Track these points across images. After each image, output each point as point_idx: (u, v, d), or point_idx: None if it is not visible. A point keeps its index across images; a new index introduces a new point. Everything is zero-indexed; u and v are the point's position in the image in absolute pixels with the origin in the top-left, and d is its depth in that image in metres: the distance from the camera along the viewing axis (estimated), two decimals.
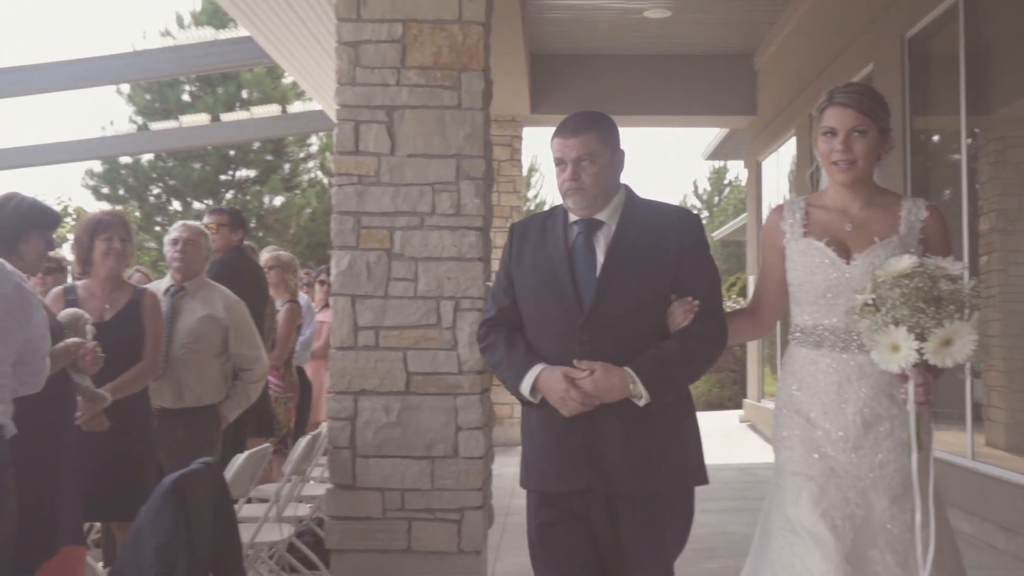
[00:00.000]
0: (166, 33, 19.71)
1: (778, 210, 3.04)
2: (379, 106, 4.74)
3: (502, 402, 11.42)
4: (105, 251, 4.32)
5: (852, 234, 2.89)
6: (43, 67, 9.55)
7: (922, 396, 2.68)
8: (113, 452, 4.07)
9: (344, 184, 4.71)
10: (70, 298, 4.27)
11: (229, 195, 20.61)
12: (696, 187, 37.74)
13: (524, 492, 3.04)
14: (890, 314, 2.61)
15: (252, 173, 20.73)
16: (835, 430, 2.85)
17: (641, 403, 2.81)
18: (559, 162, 2.94)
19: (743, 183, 26.67)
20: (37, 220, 3.69)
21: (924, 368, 2.66)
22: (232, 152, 19.91)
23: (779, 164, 12.18)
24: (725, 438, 11.92)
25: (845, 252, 2.87)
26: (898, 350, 2.60)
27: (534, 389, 2.87)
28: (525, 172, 23.59)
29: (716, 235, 24.53)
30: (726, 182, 35.81)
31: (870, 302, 2.68)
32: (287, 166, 20.79)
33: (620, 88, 12.18)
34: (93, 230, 4.36)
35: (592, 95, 11.89)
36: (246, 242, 6.38)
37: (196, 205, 20.49)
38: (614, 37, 11.54)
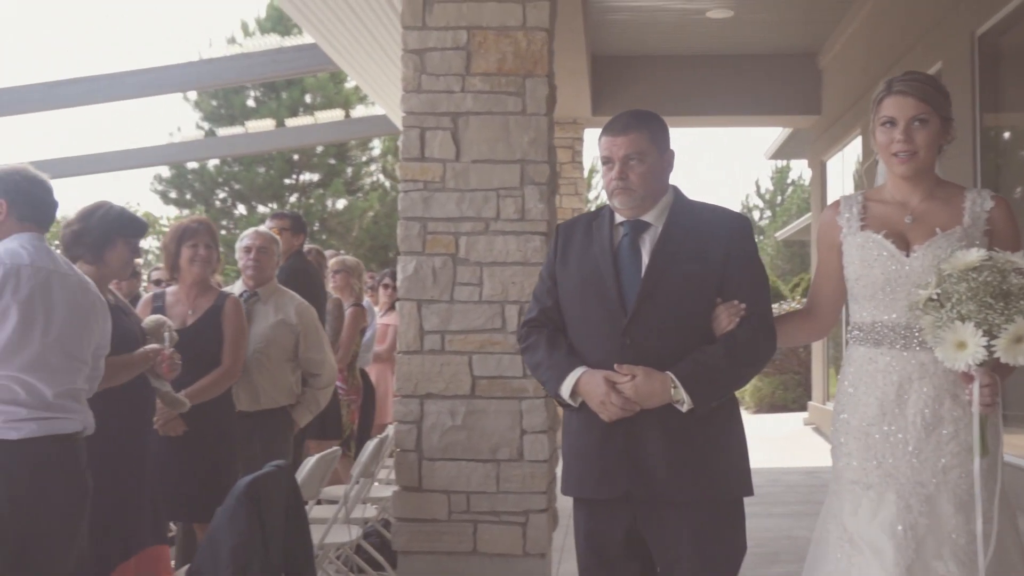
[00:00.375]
0: (232, 40, 20.07)
1: (834, 206, 2.92)
2: (444, 113, 4.79)
3: None
4: (191, 257, 4.43)
5: (912, 227, 2.76)
6: (114, 76, 9.80)
7: (988, 397, 2.55)
8: (196, 454, 4.18)
9: (410, 190, 4.77)
10: (157, 304, 4.38)
11: (293, 199, 20.93)
12: (758, 187, 37.43)
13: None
14: (956, 309, 2.49)
15: (315, 177, 21.01)
16: (895, 433, 2.72)
17: (684, 409, 2.73)
18: (606, 160, 2.87)
19: (806, 182, 26.34)
20: (123, 229, 3.81)
21: (991, 368, 2.54)
22: (296, 156, 20.20)
23: (844, 164, 12.02)
24: (789, 440, 11.79)
25: (905, 245, 2.74)
26: (965, 347, 2.47)
27: (574, 392, 2.80)
28: (586, 174, 23.63)
29: (779, 235, 24.28)
30: (789, 181, 35.42)
31: (934, 297, 2.55)
32: (350, 169, 21.04)
33: (682, 89, 12.12)
34: (180, 237, 4.48)
35: (654, 96, 11.84)
36: (311, 245, 6.50)
37: (261, 209, 20.83)
38: (676, 38, 11.48)
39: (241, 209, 21.09)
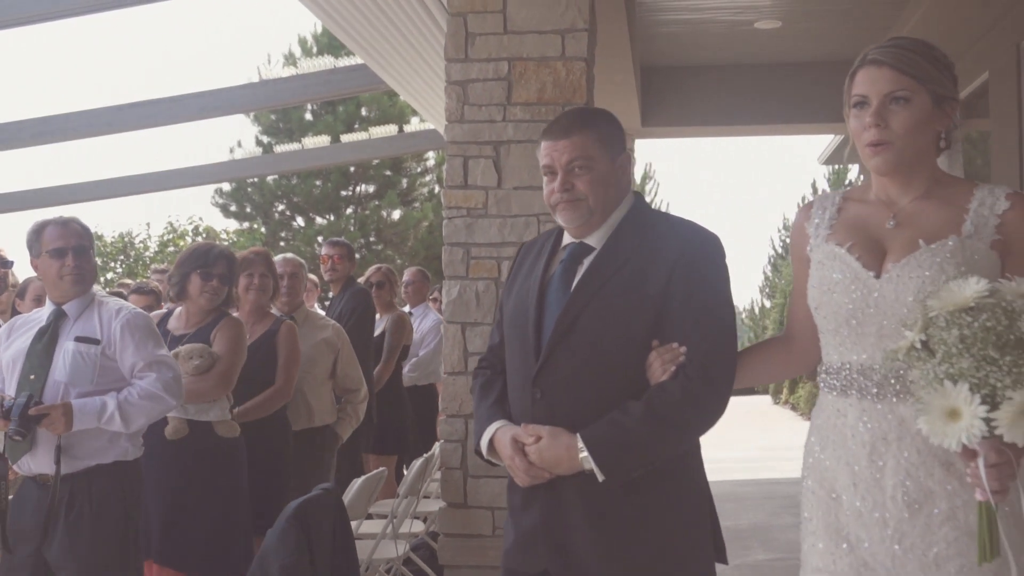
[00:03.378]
0: (289, 55, 20.50)
1: (806, 208, 2.29)
2: (486, 141, 4.96)
3: None
4: (246, 286, 4.69)
5: (893, 234, 2.09)
6: (175, 99, 10.14)
7: (997, 482, 1.82)
8: (251, 470, 4.35)
9: (454, 217, 4.95)
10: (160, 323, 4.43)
11: (349, 211, 21.30)
12: (815, 188, 37.06)
13: None
14: (945, 365, 1.78)
15: (371, 188, 21.36)
16: (870, 511, 2.03)
17: (600, 479, 2.25)
18: (547, 170, 2.41)
19: None
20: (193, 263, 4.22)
21: (999, 441, 1.80)
22: (352, 169, 20.56)
23: None
24: None
25: (877, 260, 2.08)
26: (958, 418, 1.76)
27: (495, 451, 2.40)
28: (639, 180, 23.68)
29: None
30: (847, 183, 35.05)
31: (918, 346, 1.85)
32: (404, 181, 21.34)
33: (732, 98, 12.17)
34: (238, 267, 4.71)
35: (703, 106, 11.93)
36: (382, 264, 6.82)
37: (319, 220, 21.24)
38: (725, 48, 11.53)
39: (299, 221, 21.52)
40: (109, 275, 22.18)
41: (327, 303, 6.88)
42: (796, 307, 2.32)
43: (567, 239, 2.46)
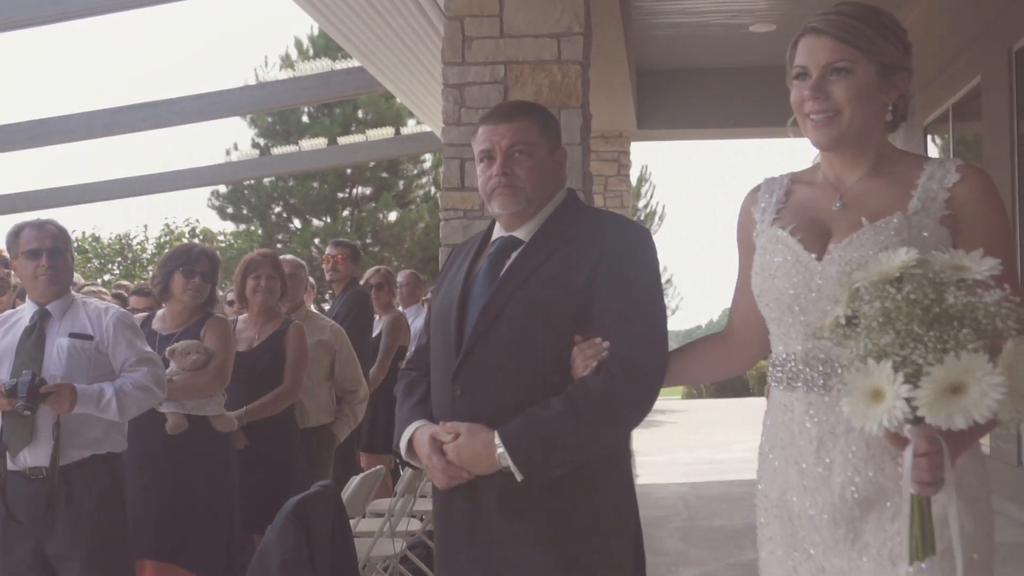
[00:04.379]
0: (286, 57, 20.56)
1: (753, 192, 2.16)
2: None
3: None
4: (254, 288, 4.77)
5: (839, 216, 1.96)
6: (173, 102, 10.19)
7: (927, 473, 1.64)
8: (258, 468, 4.44)
9: (450, 219, 5.00)
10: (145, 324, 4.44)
11: (346, 212, 21.36)
12: None
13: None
14: (866, 341, 1.62)
15: (368, 190, 21.42)
16: (820, 513, 1.90)
17: (518, 477, 2.15)
18: (485, 155, 2.33)
19: None
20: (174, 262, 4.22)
21: (929, 428, 1.63)
22: (348, 171, 20.62)
23: None
24: None
25: (821, 243, 1.95)
26: (881, 399, 1.59)
27: (414, 452, 2.29)
28: (634, 183, 23.76)
29: None
30: None
31: (843, 322, 1.70)
32: (401, 183, 21.42)
33: (727, 100, 12.24)
34: (245, 269, 4.82)
35: (698, 108, 12.01)
36: (381, 266, 6.86)
37: (315, 222, 21.30)
38: (720, 51, 11.61)
39: (296, 223, 21.57)
40: (107, 276, 22.23)
41: (325, 305, 6.95)
42: (738, 298, 2.19)
43: (497, 233, 2.39)
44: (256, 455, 4.40)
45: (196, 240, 22.55)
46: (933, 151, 9.94)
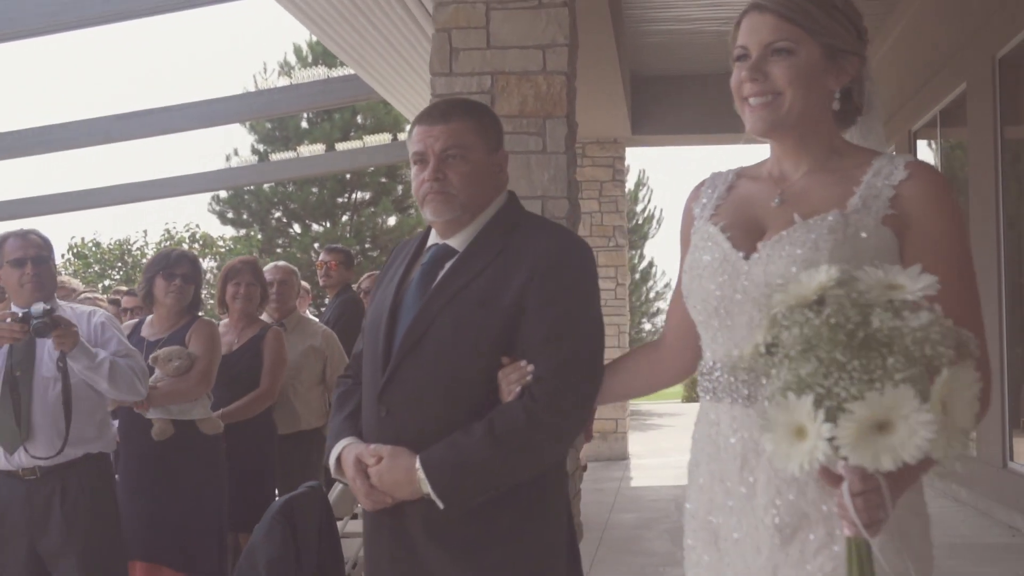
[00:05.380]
0: (284, 63, 20.72)
1: (697, 187, 2.00)
2: None
3: (606, 417, 11.71)
4: (233, 294, 4.88)
5: (777, 212, 1.78)
6: (173, 109, 10.31)
7: (863, 513, 1.46)
8: (238, 469, 4.52)
9: None
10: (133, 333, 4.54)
11: (345, 217, 21.49)
12: None
13: (624, 507, 2.32)
14: (786, 372, 1.42)
15: (367, 195, 21.57)
16: (744, 536, 1.73)
17: (439, 505, 2.06)
18: (419, 158, 2.17)
19: None
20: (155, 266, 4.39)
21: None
22: (348, 176, 20.77)
23: None
24: None
25: (753, 240, 1.77)
26: (804, 437, 1.39)
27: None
28: (632, 187, 23.84)
29: None
30: None
31: (763, 350, 1.49)
32: (399, 188, 21.56)
33: (720, 106, 12.19)
34: (225, 276, 4.94)
35: (693, 114, 12.12)
36: (372, 273, 7.01)
37: (315, 227, 21.43)
38: (713, 57, 11.68)
39: (296, 228, 21.71)
40: (107, 282, 22.34)
41: (323, 309, 7.07)
42: (674, 302, 2.01)
43: (432, 239, 2.24)
44: (235, 457, 4.50)
45: (196, 245, 22.69)
46: (924, 156, 10.05)
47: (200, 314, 4.53)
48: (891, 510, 1.47)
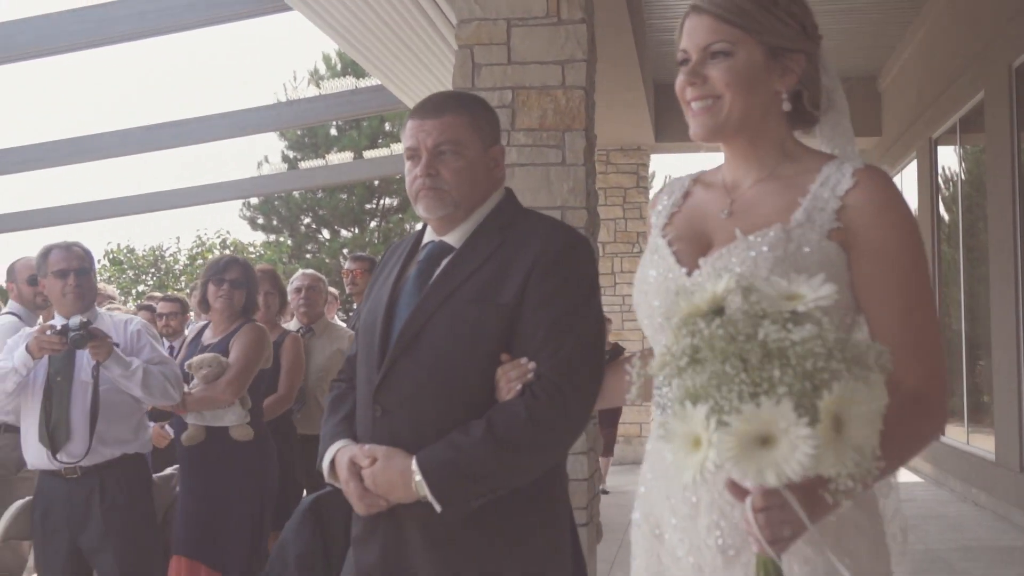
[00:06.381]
0: (314, 72, 21.00)
1: (658, 193, 1.91)
2: None
3: (630, 421, 11.85)
4: (265, 303, 5.07)
5: (724, 225, 1.71)
6: (203, 119, 10.56)
7: (766, 530, 1.41)
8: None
9: None
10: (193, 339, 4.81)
11: (373, 223, 21.75)
12: None
13: None
14: (679, 381, 1.40)
15: (395, 201, 21.82)
16: (686, 555, 1.67)
17: (437, 508, 1.99)
18: (411, 153, 2.12)
19: None
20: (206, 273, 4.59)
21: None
22: (376, 182, 21.02)
23: (902, 184, 12.21)
24: None
25: (697, 256, 1.69)
26: (699, 447, 1.36)
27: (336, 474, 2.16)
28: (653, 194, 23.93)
29: None
30: None
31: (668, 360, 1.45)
32: None
33: None
34: (254, 275, 5.12)
35: None
36: None
37: (344, 233, 21.69)
38: None
39: (325, 234, 21.98)
40: (140, 287, 22.73)
41: (351, 314, 7.26)
42: None
43: (428, 236, 2.19)
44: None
45: (227, 251, 23.03)
46: (947, 161, 10.09)
47: (254, 319, 4.67)
48: (802, 528, 1.39)
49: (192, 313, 6.89)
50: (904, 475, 10.38)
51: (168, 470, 4.54)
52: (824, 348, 1.32)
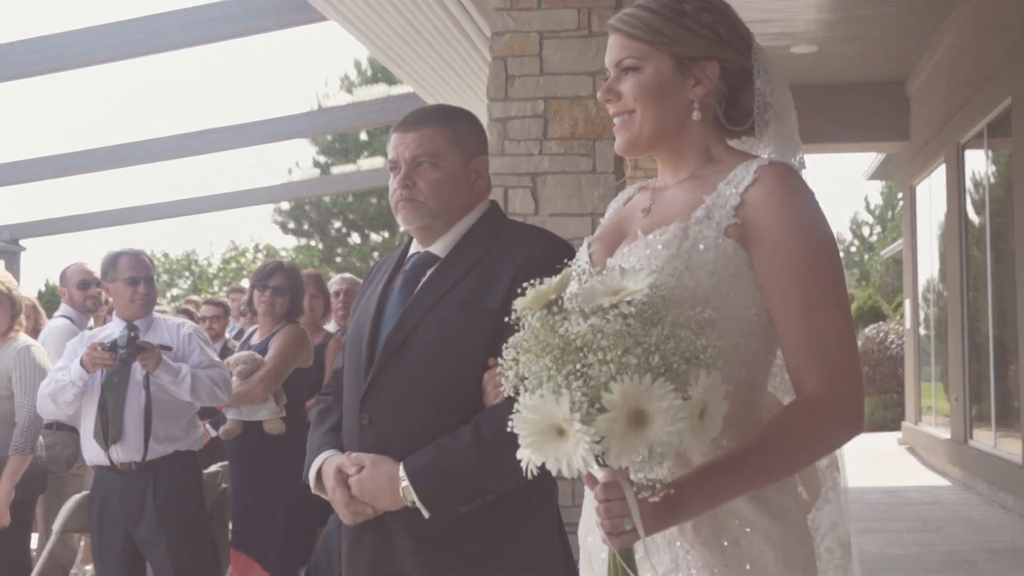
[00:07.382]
0: (345, 78, 21.26)
1: (613, 201, 1.94)
2: (524, 173, 5.47)
3: None
4: (310, 306, 5.29)
5: (641, 223, 1.72)
6: (238, 127, 10.78)
7: (606, 523, 1.42)
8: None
9: None
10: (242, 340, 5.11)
11: (402, 228, 21.98)
12: (868, 203, 37.10)
13: None
14: (532, 372, 1.41)
15: None
16: (604, 553, 1.61)
17: (425, 514, 2.00)
18: (392, 165, 2.18)
19: None
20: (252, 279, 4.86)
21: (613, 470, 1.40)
22: None
23: (931, 189, 12.24)
24: (880, 460, 12.03)
25: (607, 255, 1.71)
26: (565, 438, 1.36)
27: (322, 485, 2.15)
28: None
29: (884, 253, 24.16)
30: (899, 196, 34.97)
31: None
32: None
33: None
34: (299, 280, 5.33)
35: None
36: None
37: (373, 237, 21.94)
38: None
39: (355, 238, 22.24)
40: (175, 291, 23.08)
41: None
42: None
43: (414, 248, 2.23)
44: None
45: (260, 255, 23.35)
46: (975, 166, 10.14)
47: (297, 321, 4.88)
48: (639, 526, 1.38)
49: (231, 316, 7.11)
50: (931, 478, 10.46)
51: (213, 467, 4.73)
52: (618, 343, 1.34)
